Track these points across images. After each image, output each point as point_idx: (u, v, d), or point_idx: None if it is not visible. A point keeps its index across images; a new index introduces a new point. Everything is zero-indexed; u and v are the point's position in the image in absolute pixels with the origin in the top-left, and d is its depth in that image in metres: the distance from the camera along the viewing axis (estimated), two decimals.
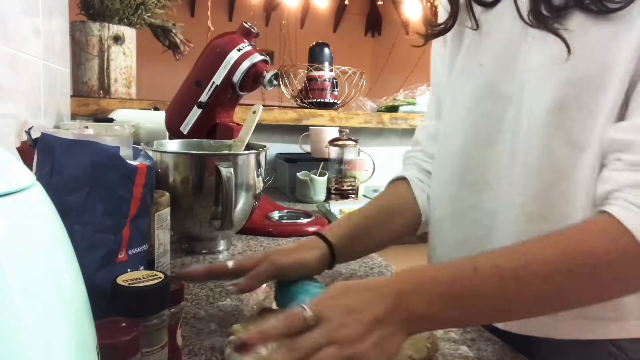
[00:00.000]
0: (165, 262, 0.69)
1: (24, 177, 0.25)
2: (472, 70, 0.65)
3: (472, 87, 0.65)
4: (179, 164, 0.82)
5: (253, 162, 0.85)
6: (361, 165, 1.47)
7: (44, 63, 1.02)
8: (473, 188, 0.65)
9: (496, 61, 0.62)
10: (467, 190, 0.66)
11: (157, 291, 0.43)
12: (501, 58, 0.61)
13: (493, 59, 0.62)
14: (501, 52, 0.61)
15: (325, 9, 5.06)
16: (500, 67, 0.61)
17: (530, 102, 0.57)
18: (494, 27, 0.63)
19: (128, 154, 0.56)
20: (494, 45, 0.62)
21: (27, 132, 0.58)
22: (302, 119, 1.63)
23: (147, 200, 0.57)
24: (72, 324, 0.26)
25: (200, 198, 0.82)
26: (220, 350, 0.54)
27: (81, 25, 1.40)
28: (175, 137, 1.00)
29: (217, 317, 0.62)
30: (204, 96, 0.96)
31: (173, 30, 1.56)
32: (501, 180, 0.61)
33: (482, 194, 0.64)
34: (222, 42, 0.96)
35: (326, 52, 1.77)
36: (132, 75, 1.49)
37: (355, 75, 1.76)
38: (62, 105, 1.23)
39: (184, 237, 0.89)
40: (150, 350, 0.43)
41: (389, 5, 5.28)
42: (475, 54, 0.65)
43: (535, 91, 0.57)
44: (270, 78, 0.97)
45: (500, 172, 0.61)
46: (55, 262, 0.26)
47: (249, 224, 0.92)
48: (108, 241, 0.52)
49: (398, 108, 1.80)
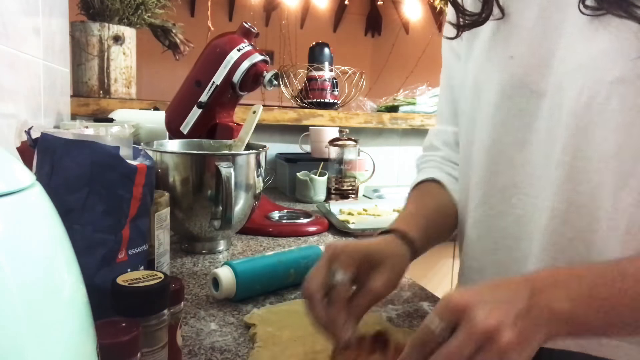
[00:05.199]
0: (165, 262, 0.69)
1: (24, 177, 0.25)
2: (500, 63, 0.59)
3: (501, 82, 0.59)
4: (179, 164, 0.82)
5: (253, 162, 0.85)
6: (361, 165, 1.47)
7: (44, 63, 1.02)
8: (502, 193, 0.60)
9: (529, 53, 0.56)
10: (495, 196, 0.61)
11: (157, 291, 0.43)
12: (534, 50, 0.56)
13: (526, 51, 0.57)
14: (534, 44, 0.56)
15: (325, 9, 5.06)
16: (534, 60, 0.56)
17: (574, 100, 0.51)
18: (523, 17, 0.57)
19: (128, 154, 0.56)
20: (525, 36, 0.57)
21: (27, 132, 0.58)
22: (302, 119, 1.63)
23: (147, 200, 0.57)
24: (72, 324, 0.26)
25: (200, 198, 0.82)
26: (220, 350, 0.54)
27: (81, 25, 1.40)
28: (175, 137, 1.00)
29: (217, 317, 0.62)
30: (204, 96, 0.96)
31: (173, 30, 1.56)
32: (533, 184, 0.56)
33: (511, 199, 0.59)
34: (222, 42, 0.96)
35: (326, 52, 1.77)
36: (132, 75, 1.49)
37: (355, 75, 1.76)
38: (62, 105, 1.23)
39: (184, 237, 0.89)
40: (150, 350, 0.43)
41: (389, 5, 5.28)
42: (502, 46, 0.59)
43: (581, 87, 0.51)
44: (270, 78, 0.97)
45: (533, 175, 0.56)
46: (55, 262, 0.26)
47: (249, 224, 0.92)
48: (108, 241, 0.52)
49: (398, 108, 1.80)
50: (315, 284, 0.49)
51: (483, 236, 0.63)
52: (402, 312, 0.66)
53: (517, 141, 0.58)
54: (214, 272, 0.66)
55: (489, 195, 0.62)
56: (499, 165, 0.60)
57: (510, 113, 0.58)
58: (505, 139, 0.59)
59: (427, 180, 0.72)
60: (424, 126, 1.76)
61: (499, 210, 0.61)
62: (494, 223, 0.61)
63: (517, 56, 0.57)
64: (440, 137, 0.76)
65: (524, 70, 0.57)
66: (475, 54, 0.63)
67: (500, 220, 0.60)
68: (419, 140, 1.87)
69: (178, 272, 0.78)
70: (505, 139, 0.59)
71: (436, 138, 0.77)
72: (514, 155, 0.58)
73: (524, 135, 0.57)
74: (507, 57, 0.58)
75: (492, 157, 0.61)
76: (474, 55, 0.64)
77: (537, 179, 0.56)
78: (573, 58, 0.52)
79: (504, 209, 0.60)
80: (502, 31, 0.60)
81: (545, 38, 0.55)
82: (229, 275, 0.65)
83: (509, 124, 0.59)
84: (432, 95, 1.82)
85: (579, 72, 0.51)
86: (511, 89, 0.58)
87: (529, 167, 0.57)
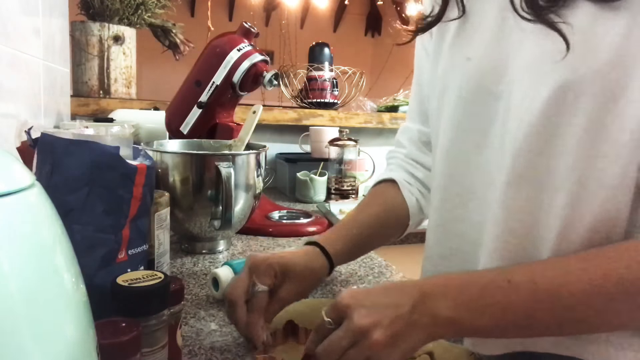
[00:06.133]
0: (165, 262, 0.69)
1: (24, 177, 0.25)
2: (459, 65, 0.58)
3: (459, 85, 0.58)
4: (179, 164, 0.82)
5: (253, 162, 0.85)
6: (361, 165, 1.47)
7: (44, 63, 1.02)
8: (459, 198, 0.59)
9: (485, 55, 0.55)
10: (452, 200, 0.60)
11: (157, 291, 0.43)
12: (491, 52, 0.54)
13: (482, 53, 0.55)
14: (491, 45, 0.54)
15: (325, 9, 5.06)
16: (491, 63, 0.54)
17: (520, 103, 0.50)
18: (484, 17, 0.56)
19: (128, 154, 0.56)
20: (483, 37, 0.55)
21: (27, 132, 0.58)
22: (302, 119, 1.63)
23: (147, 200, 0.57)
24: (72, 324, 0.26)
25: (200, 198, 0.82)
26: (220, 350, 0.54)
27: (81, 25, 1.40)
28: (175, 137, 1.00)
29: (217, 317, 0.62)
30: (204, 96, 0.96)
31: (173, 30, 1.56)
32: (488, 189, 0.55)
33: (468, 205, 0.58)
34: (222, 42, 0.96)
35: (326, 52, 1.77)
36: (132, 75, 1.49)
37: (355, 75, 1.76)
38: (62, 105, 1.23)
39: (184, 237, 0.89)
40: (150, 350, 0.43)
41: (389, 5, 5.27)
42: (462, 46, 0.58)
43: (526, 91, 0.50)
44: (270, 78, 0.97)
45: (488, 180, 0.55)
46: (55, 262, 0.26)
47: (249, 224, 0.92)
48: (108, 241, 0.52)
49: (398, 108, 1.80)
50: (238, 292, 0.55)
51: (441, 240, 0.63)
52: None
53: (474, 144, 0.57)
54: (214, 272, 0.66)
55: (446, 200, 0.62)
56: (457, 168, 0.60)
57: (468, 116, 0.57)
58: (464, 143, 0.58)
59: (385, 180, 0.75)
60: None
61: (456, 214, 0.60)
62: (452, 227, 0.61)
63: (474, 58, 0.56)
64: (406, 134, 0.77)
65: (481, 72, 0.55)
66: (442, 54, 0.62)
67: (459, 224, 0.60)
68: None
69: (178, 272, 0.78)
70: (464, 142, 0.58)
71: (402, 135, 0.78)
72: (471, 158, 0.58)
73: (480, 138, 0.56)
74: (464, 59, 0.57)
75: (450, 160, 0.60)
76: (442, 56, 0.62)
77: (491, 184, 0.55)
78: (521, 60, 0.51)
79: (461, 213, 0.59)
80: (464, 31, 0.59)
81: (502, 39, 0.54)
82: (229, 275, 0.65)
83: (467, 126, 0.58)
84: None
85: (524, 73, 0.50)
86: (468, 92, 0.57)
87: (485, 171, 0.56)
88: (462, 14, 0.58)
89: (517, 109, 0.51)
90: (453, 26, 0.60)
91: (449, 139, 0.60)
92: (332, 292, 0.71)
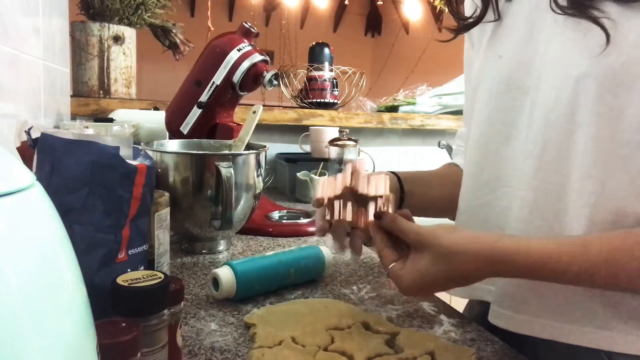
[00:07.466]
0: (165, 262, 0.69)
1: (24, 177, 0.25)
2: (491, 62, 0.64)
3: (491, 81, 0.63)
4: (179, 164, 0.82)
5: (253, 162, 0.85)
6: (361, 165, 1.46)
7: (44, 63, 1.02)
8: (487, 185, 0.64)
9: (516, 52, 0.60)
10: (481, 188, 0.65)
11: (157, 291, 0.43)
12: (521, 49, 0.59)
13: (513, 50, 0.61)
14: (521, 43, 0.60)
15: (325, 9, 5.07)
16: (520, 59, 0.59)
17: (546, 94, 0.55)
18: (516, 19, 0.61)
19: (128, 154, 0.56)
20: (514, 37, 0.61)
21: (27, 132, 0.58)
22: (302, 119, 1.63)
23: (147, 200, 0.57)
24: (72, 324, 0.26)
25: (200, 198, 0.82)
26: (220, 350, 0.54)
27: (81, 25, 1.40)
28: (175, 137, 1.00)
29: (217, 317, 0.62)
30: (204, 96, 0.96)
31: (173, 30, 1.56)
32: (514, 177, 0.60)
33: (496, 192, 0.63)
34: (222, 42, 0.96)
35: (326, 52, 1.77)
36: (132, 75, 1.49)
37: (355, 75, 1.76)
38: (62, 105, 1.23)
39: (184, 237, 0.89)
40: (150, 350, 0.43)
41: (389, 5, 5.28)
42: (496, 46, 0.64)
43: (552, 82, 0.54)
44: (270, 78, 0.97)
45: (515, 169, 0.60)
46: (55, 262, 0.26)
47: (249, 224, 0.92)
48: (108, 241, 0.52)
49: (398, 108, 1.80)
50: None
51: (468, 225, 0.68)
52: (402, 312, 0.66)
53: (502, 136, 0.62)
54: (214, 272, 0.66)
55: (476, 188, 0.67)
56: (486, 158, 0.64)
57: (497, 109, 0.63)
58: (492, 134, 0.64)
59: (450, 164, 0.83)
60: (423, 126, 1.77)
61: (484, 201, 0.65)
62: (480, 213, 0.66)
63: (505, 56, 0.62)
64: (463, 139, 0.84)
65: (510, 68, 0.61)
66: (480, 54, 0.68)
67: (486, 210, 0.65)
68: (418, 140, 1.88)
69: (178, 272, 0.78)
70: (492, 134, 0.64)
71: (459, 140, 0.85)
72: (499, 149, 0.63)
73: (508, 130, 0.61)
74: (496, 57, 0.63)
75: (481, 150, 0.66)
76: (479, 55, 0.68)
77: (518, 172, 0.60)
78: (549, 55, 0.56)
79: (489, 200, 0.64)
80: (497, 33, 0.64)
81: (531, 37, 0.59)
82: (229, 275, 0.65)
83: (496, 119, 0.63)
84: (432, 95, 1.82)
85: (552, 67, 0.55)
86: (499, 87, 0.62)
87: (512, 161, 0.61)
88: (498, 18, 0.64)
89: (544, 101, 0.55)
90: (489, 28, 0.66)
91: (480, 131, 0.66)
92: (332, 292, 0.71)
